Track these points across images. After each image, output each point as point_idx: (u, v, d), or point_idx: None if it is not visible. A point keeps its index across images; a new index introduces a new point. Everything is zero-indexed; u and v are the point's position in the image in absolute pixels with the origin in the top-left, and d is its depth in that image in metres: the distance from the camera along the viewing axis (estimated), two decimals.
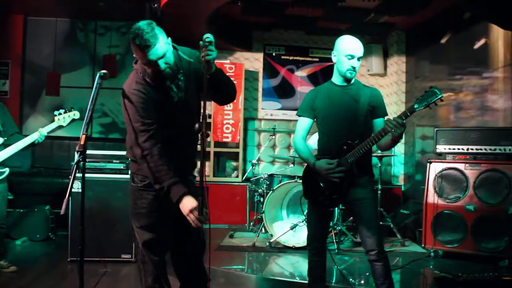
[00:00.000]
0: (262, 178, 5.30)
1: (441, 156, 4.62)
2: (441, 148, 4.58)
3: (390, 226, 5.18)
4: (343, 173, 2.69)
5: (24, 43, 6.66)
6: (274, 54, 6.96)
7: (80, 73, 6.76)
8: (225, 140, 6.54)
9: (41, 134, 3.76)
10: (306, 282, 2.99)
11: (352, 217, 4.47)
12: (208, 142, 6.38)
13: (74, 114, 3.86)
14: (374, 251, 2.69)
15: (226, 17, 6.22)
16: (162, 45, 2.12)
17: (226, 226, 5.98)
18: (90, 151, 4.05)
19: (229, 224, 6.04)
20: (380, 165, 5.42)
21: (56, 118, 3.80)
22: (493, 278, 3.42)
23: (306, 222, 3.41)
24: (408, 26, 6.41)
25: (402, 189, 6.49)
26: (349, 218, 5.10)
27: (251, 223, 5.63)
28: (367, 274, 3.87)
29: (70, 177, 1.96)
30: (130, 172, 2.38)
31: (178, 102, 2.26)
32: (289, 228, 4.69)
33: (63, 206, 1.87)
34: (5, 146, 3.78)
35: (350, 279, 3.77)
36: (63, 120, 3.81)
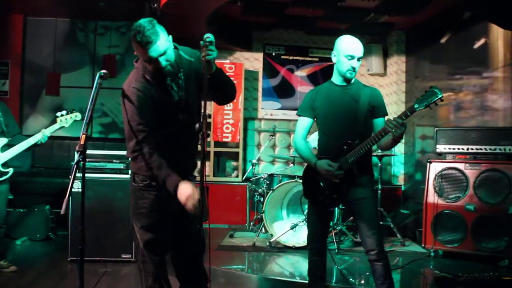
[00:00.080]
0: (262, 178, 5.30)
1: (441, 156, 4.62)
2: (441, 148, 4.58)
3: (390, 226, 5.18)
4: (343, 174, 2.70)
5: (24, 43, 6.66)
6: (274, 54, 6.96)
7: (80, 73, 6.76)
8: (225, 140, 6.54)
9: (44, 135, 3.81)
10: (306, 282, 3.00)
11: (352, 217, 4.47)
12: (208, 142, 6.38)
13: (76, 116, 3.90)
14: (374, 251, 2.69)
15: (226, 17, 6.22)
16: (163, 42, 2.12)
17: (226, 226, 5.98)
18: (90, 151, 4.05)
19: (229, 224, 6.04)
20: (380, 164, 5.43)
21: (58, 119, 3.85)
22: (493, 278, 3.42)
23: (306, 222, 3.41)
24: (408, 26, 6.41)
25: (402, 189, 6.49)
26: (349, 218, 5.11)
27: (251, 223, 5.63)
28: (367, 274, 3.87)
29: (70, 177, 1.97)
30: (131, 172, 2.38)
31: (178, 102, 2.26)
32: (289, 228, 4.69)
33: (63, 206, 1.87)
34: (9, 146, 3.82)
35: (350, 279, 3.77)
36: (65, 121, 3.85)
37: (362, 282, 3.79)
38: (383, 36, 6.82)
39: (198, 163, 2.45)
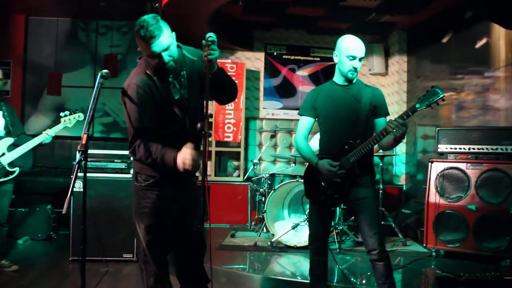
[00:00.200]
0: (264, 177, 5.30)
1: (442, 155, 4.61)
2: (442, 147, 4.58)
3: (392, 225, 5.18)
4: (345, 173, 2.69)
5: (25, 43, 6.66)
6: (275, 54, 6.96)
7: (81, 72, 6.76)
8: (226, 139, 6.54)
9: (49, 135, 3.85)
10: (308, 281, 3.00)
11: (353, 216, 4.46)
12: (209, 141, 6.36)
13: (79, 116, 3.95)
14: (375, 251, 2.69)
15: (227, 16, 6.22)
16: (167, 37, 2.13)
17: (228, 225, 5.98)
18: (92, 151, 4.07)
19: (230, 223, 6.04)
20: (381, 164, 5.42)
21: (62, 119, 3.91)
22: (494, 278, 3.42)
23: (308, 221, 3.41)
24: (409, 26, 6.41)
25: (404, 188, 6.48)
26: (350, 218, 5.10)
27: (253, 223, 5.63)
28: (369, 273, 3.87)
29: (71, 176, 1.97)
30: (133, 171, 2.38)
31: (180, 100, 2.25)
32: (290, 227, 4.68)
33: (65, 206, 1.87)
34: (15, 146, 3.86)
35: (352, 279, 3.77)
36: (69, 121, 3.91)
37: (364, 282, 3.79)
38: (385, 35, 6.81)
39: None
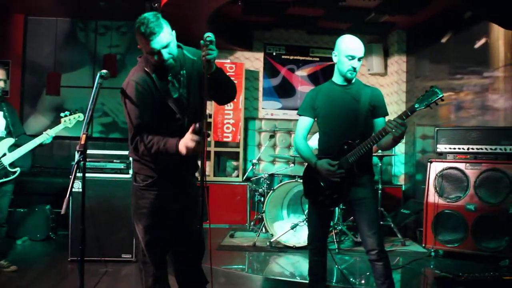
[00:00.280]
0: (263, 177, 5.30)
1: (441, 155, 4.61)
2: (441, 147, 4.58)
3: (391, 225, 5.18)
4: (344, 173, 2.69)
5: (24, 43, 6.66)
6: (274, 54, 6.96)
7: (80, 72, 6.76)
8: (225, 139, 6.53)
9: (49, 135, 3.85)
10: (307, 281, 3.00)
11: (352, 216, 4.46)
12: (208, 141, 6.37)
13: (79, 116, 3.96)
14: (374, 251, 2.69)
15: (226, 16, 6.22)
16: (167, 35, 2.13)
17: (227, 225, 5.98)
18: (91, 151, 4.07)
19: (229, 223, 6.04)
20: (380, 164, 5.42)
21: (62, 120, 3.92)
22: (493, 278, 3.42)
23: (307, 221, 3.40)
24: (408, 26, 6.41)
25: (403, 188, 6.49)
26: (349, 218, 5.10)
27: (252, 223, 5.63)
28: (368, 273, 3.88)
29: (70, 176, 1.96)
30: (132, 171, 2.38)
31: (178, 99, 2.25)
32: (289, 227, 4.69)
33: (64, 206, 1.87)
34: (16, 146, 3.87)
35: (351, 279, 3.77)
36: (69, 122, 3.93)
37: (363, 282, 3.79)
38: (384, 35, 6.81)
39: (199, 163, 2.45)
